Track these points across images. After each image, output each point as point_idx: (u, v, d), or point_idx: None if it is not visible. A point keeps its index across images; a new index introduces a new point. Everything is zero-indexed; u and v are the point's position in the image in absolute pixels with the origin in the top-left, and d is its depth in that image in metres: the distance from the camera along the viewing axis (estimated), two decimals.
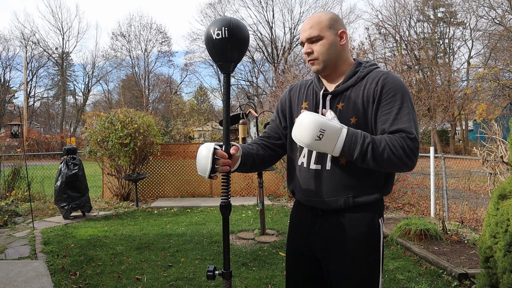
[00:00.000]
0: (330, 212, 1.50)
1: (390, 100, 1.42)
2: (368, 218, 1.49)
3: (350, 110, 1.47)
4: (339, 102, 1.50)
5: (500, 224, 2.34)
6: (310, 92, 1.61)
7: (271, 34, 30.22)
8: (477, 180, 8.00)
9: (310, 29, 1.50)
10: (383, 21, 26.11)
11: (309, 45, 1.52)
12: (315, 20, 1.51)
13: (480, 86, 21.22)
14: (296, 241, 1.64)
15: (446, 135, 28.80)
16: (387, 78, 1.45)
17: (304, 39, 1.53)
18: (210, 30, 1.57)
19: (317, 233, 1.53)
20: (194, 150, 9.14)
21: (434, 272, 3.67)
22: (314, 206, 1.53)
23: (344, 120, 1.45)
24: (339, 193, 1.46)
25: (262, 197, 5.07)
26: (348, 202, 1.46)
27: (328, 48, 1.50)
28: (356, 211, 1.48)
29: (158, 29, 38.15)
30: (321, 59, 1.51)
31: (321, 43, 1.49)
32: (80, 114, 33.79)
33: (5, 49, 35.19)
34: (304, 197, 1.56)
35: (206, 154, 1.43)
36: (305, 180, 1.54)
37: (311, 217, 1.56)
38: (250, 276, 3.65)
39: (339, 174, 1.46)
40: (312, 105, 1.58)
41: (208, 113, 27.23)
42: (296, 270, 1.63)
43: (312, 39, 1.51)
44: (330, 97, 1.52)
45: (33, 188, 8.32)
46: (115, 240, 5.01)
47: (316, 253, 1.56)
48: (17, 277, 3.59)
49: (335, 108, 1.49)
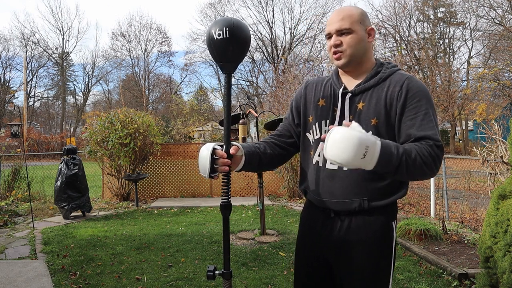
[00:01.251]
0: (343, 213, 1.47)
1: (416, 105, 1.39)
2: (381, 221, 1.45)
3: (372, 111, 1.43)
4: (359, 102, 1.46)
5: (500, 224, 2.34)
6: (328, 89, 1.56)
7: (271, 34, 30.26)
8: (477, 180, 8.01)
9: (341, 21, 1.45)
10: (383, 21, 26.11)
11: (338, 37, 1.46)
12: (347, 13, 1.47)
13: (480, 86, 21.23)
14: (307, 242, 1.60)
15: (446, 135, 28.79)
16: (411, 83, 1.43)
17: (334, 31, 1.47)
18: (212, 30, 1.57)
19: (329, 235, 1.50)
20: (194, 150, 9.14)
21: (434, 272, 3.67)
22: (327, 207, 1.49)
23: (364, 120, 1.43)
24: (354, 195, 1.43)
25: (262, 197, 5.07)
26: (363, 205, 1.43)
27: (358, 43, 1.46)
28: (370, 214, 1.44)
29: (158, 29, 38.10)
30: (348, 52, 1.46)
31: (351, 36, 1.45)
32: (80, 114, 33.80)
33: (5, 49, 35.18)
34: (317, 197, 1.52)
35: (205, 155, 1.44)
36: (319, 179, 1.50)
37: (323, 218, 1.52)
38: (250, 276, 3.65)
39: (356, 175, 1.42)
40: (329, 102, 1.53)
41: (208, 113, 27.26)
42: (305, 272, 1.60)
43: (342, 31, 1.46)
44: (349, 95, 1.48)
45: (33, 188, 8.32)
46: (115, 240, 5.01)
47: (327, 255, 1.52)
48: (17, 277, 3.59)
49: (354, 108, 1.46)
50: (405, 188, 1.48)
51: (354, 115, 1.46)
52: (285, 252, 4.37)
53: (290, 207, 7.31)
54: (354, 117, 1.46)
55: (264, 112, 9.28)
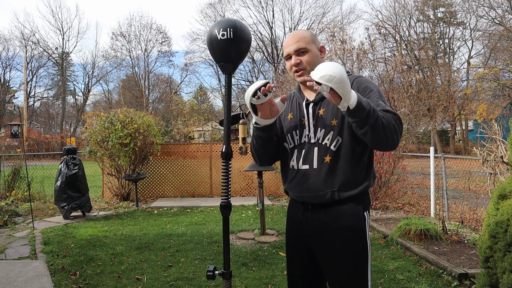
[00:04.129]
0: (319, 206, 1.64)
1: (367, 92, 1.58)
2: (353, 210, 1.62)
3: (330, 114, 1.62)
4: (320, 108, 1.65)
5: (500, 224, 2.34)
6: (294, 104, 1.76)
7: (271, 34, 30.28)
8: (477, 180, 8.01)
9: (297, 43, 1.65)
10: (383, 21, 26.12)
11: (297, 57, 1.65)
12: (300, 36, 1.68)
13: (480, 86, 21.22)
14: (291, 234, 1.79)
15: (446, 135, 28.81)
16: (359, 79, 1.65)
17: (292, 51, 1.66)
18: (215, 30, 1.57)
19: (308, 225, 1.68)
20: (194, 150, 9.15)
21: (434, 272, 3.67)
22: (305, 201, 1.68)
23: (325, 123, 1.62)
24: (325, 188, 1.60)
25: (262, 197, 5.08)
26: (334, 196, 1.60)
27: (314, 59, 1.65)
28: (342, 203, 1.62)
29: (158, 29, 38.02)
30: (308, 69, 1.62)
31: (308, 54, 1.65)
32: (80, 114, 33.80)
33: (5, 49, 35.26)
34: (297, 193, 1.70)
35: (260, 81, 1.52)
36: (296, 179, 1.69)
37: (303, 210, 1.70)
38: (250, 276, 3.65)
39: (325, 171, 1.60)
40: (296, 115, 1.71)
41: (208, 113, 27.23)
42: (294, 261, 1.78)
43: (300, 51, 1.65)
44: (312, 105, 1.67)
45: (33, 188, 8.32)
46: (115, 240, 5.01)
47: (309, 244, 1.69)
48: (17, 277, 3.59)
49: (316, 114, 1.65)
50: (369, 180, 1.65)
51: (316, 120, 1.65)
52: (285, 252, 4.36)
53: None
54: (316, 122, 1.64)
55: None
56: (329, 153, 1.60)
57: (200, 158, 8.99)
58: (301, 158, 1.66)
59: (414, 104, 7.50)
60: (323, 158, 1.61)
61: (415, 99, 7.64)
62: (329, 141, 1.60)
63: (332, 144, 1.60)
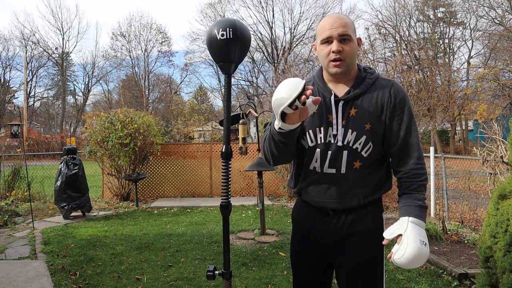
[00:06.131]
0: (340, 211, 1.55)
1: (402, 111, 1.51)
2: (374, 213, 1.58)
3: (364, 117, 1.49)
4: (351, 108, 1.50)
5: (500, 224, 2.34)
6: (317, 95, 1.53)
7: (271, 34, 30.25)
8: (477, 180, 8.01)
9: (344, 27, 1.45)
10: (383, 21, 26.10)
11: (340, 44, 1.45)
12: (346, 21, 1.47)
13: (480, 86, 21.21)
14: (301, 240, 1.65)
15: (446, 135, 28.78)
16: (397, 88, 1.53)
17: (336, 35, 1.44)
18: (214, 30, 1.57)
19: (326, 231, 1.57)
20: (194, 150, 9.15)
21: (434, 272, 3.67)
22: (325, 206, 1.56)
23: (358, 125, 1.48)
24: (352, 195, 1.52)
25: (262, 197, 5.07)
26: (359, 202, 1.53)
27: (354, 52, 1.49)
28: (363, 208, 1.55)
29: (158, 29, 38.09)
30: (347, 61, 1.47)
31: (350, 45, 1.47)
32: (80, 114, 33.79)
33: (5, 49, 35.21)
34: (316, 198, 1.56)
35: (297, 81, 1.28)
36: (318, 183, 1.55)
37: (320, 216, 1.58)
38: (250, 276, 3.64)
39: (353, 177, 1.51)
40: (322, 110, 1.52)
41: (208, 113, 27.24)
42: (303, 269, 1.65)
43: (345, 37, 1.45)
44: (342, 103, 1.50)
45: (33, 188, 8.32)
46: (115, 240, 5.01)
47: (325, 250, 1.59)
48: (17, 277, 3.59)
49: (347, 114, 1.50)
50: (390, 182, 1.62)
51: (347, 121, 1.49)
52: (285, 252, 4.37)
53: (290, 207, 7.30)
54: (347, 123, 1.49)
55: (264, 112, 9.27)
56: (359, 159, 1.49)
57: (200, 158, 8.99)
58: (327, 161, 1.51)
59: (414, 104, 7.51)
60: (352, 164, 1.49)
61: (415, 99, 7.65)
62: (361, 146, 1.48)
63: (363, 149, 1.49)
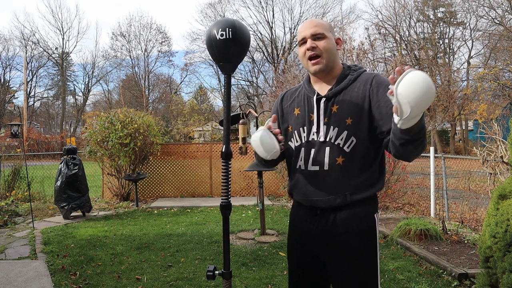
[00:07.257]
0: (329, 210, 1.54)
1: (385, 91, 1.45)
2: (364, 213, 1.54)
3: (345, 112, 1.51)
4: (333, 105, 1.53)
5: (500, 224, 2.34)
6: (302, 98, 1.63)
7: (271, 34, 30.25)
8: (477, 180, 8.01)
9: (315, 27, 1.53)
10: (383, 21, 26.11)
11: (313, 41, 1.53)
12: (318, 22, 1.56)
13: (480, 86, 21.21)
14: (296, 240, 1.67)
15: (446, 135, 28.78)
16: (378, 78, 1.52)
17: (309, 35, 1.53)
18: (214, 30, 1.57)
19: (317, 231, 1.57)
20: (194, 150, 9.15)
21: (434, 272, 3.67)
22: (313, 205, 1.57)
23: (340, 121, 1.51)
24: (337, 192, 1.51)
25: (262, 197, 5.07)
26: (346, 199, 1.51)
27: (330, 48, 1.54)
28: (352, 207, 1.52)
29: (158, 29, 38.14)
30: (325, 56, 1.53)
31: (325, 40, 1.53)
32: (80, 114, 33.80)
33: (5, 49, 35.24)
34: (304, 197, 1.59)
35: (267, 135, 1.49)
36: (304, 181, 1.58)
37: (311, 215, 1.59)
38: (250, 276, 3.65)
39: (337, 173, 1.51)
40: (304, 110, 1.60)
41: (208, 113, 27.23)
42: (298, 269, 1.66)
43: (317, 36, 1.53)
44: (324, 100, 1.55)
45: (33, 188, 8.32)
46: (115, 240, 5.01)
47: (316, 250, 1.59)
48: (17, 277, 3.59)
49: (329, 111, 1.53)
50: (382, 181, 1.58)
51: (329, 118, 1.53)
52: (285, 252, 4.36)
53: (290, 207, 7.30)
54: (329, 119, 1.52)
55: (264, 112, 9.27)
56: (342, 154, 1.50)
57: (200, 158, 8.99)
58: (310, 159, 1.54)
59: None
60: (335, 159, 1.50)
61: None
62: (343, 141, 1.49)
63: (345, 144, 1.49)
